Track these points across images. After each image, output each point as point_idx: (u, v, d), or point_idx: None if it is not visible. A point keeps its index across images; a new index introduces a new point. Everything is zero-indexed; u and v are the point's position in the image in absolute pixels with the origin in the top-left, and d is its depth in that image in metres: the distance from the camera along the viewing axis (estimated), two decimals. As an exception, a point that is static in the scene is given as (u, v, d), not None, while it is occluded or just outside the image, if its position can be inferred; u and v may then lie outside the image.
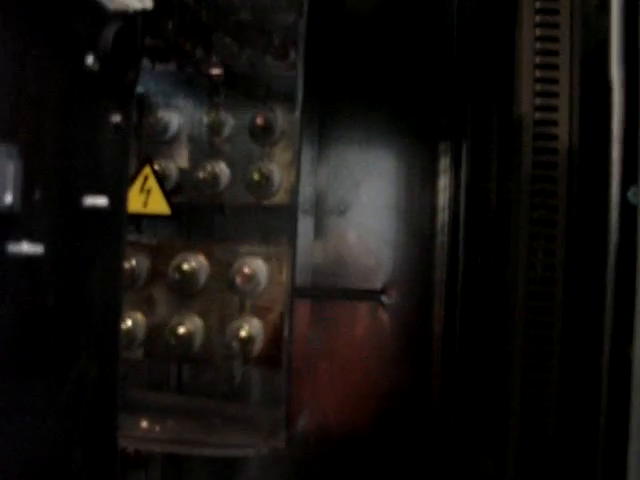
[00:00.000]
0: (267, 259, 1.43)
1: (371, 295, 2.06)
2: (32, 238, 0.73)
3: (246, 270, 1.38)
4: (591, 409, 1.04)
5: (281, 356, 1.43)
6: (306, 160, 2.01)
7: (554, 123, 1.30)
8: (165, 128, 1.51)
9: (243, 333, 1.41)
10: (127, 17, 0.95)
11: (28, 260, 0.73)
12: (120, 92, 0.93)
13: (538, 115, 1.31)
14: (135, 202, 1.38)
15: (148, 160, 1.43)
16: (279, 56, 1.59)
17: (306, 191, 2.04)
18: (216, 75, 1.61)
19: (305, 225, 2.02)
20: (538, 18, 1.38)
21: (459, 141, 2.00)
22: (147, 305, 1.45)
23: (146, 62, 1.62)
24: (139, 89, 1.06)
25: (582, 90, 1.28)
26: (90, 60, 0.85)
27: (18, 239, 0.72)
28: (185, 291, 1.43)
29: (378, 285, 2.07)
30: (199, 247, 1.45)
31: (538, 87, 1.32)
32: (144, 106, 1.54)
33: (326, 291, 2.06)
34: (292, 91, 1.57)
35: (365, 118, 2.10)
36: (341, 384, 2.06)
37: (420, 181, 2.09)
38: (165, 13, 1.62)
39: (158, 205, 1.40)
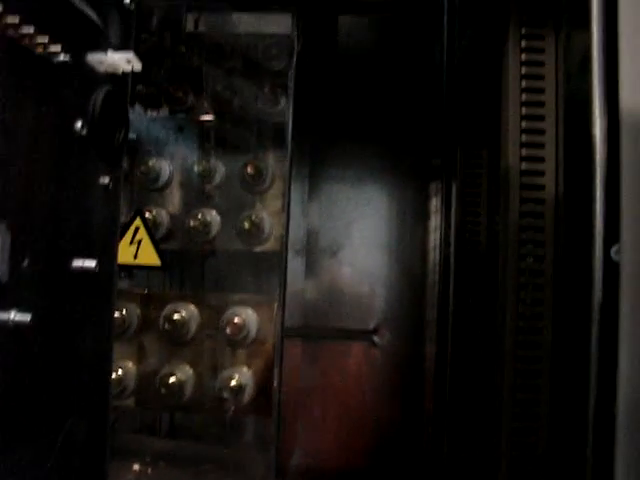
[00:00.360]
0: (257, 308, 1.44)
1: (363, 335, 2.07)
2: (20, 306, 0.74)
3: (236, 320, 1.39)
4: (578, 456, 1.05)
5: (271, 404, 1.43)
6: (297, 202, 2.02)
7: (541, 173, 1.32)
8: (157, 176, 1.52)
9: (234, 382, 1.41)
10: (116, 78, 0.97)
11: (16, 327, 0.74)
12: (109, 154, 0.95)
13: (525, 165, 1.32)
14: (126, 253, 1.39)
15: (139, 212, 1.44)
16: (269, 102, 1.60)
17: (298, 232, 2.05)
18: (207, 121, 1.63)
19: (297, 266, 2.04)
20: (524, 69, 1.40)
21: (449, 182, 2.02)
22: (138, 354, 1.45)
23: (138, 108, 1.64)
24: (131, 135, 1.07)
25: (568, 140, 1.30)
26: (79, 125, 0.87)
27: (6, 308, 0.72)
28: (176, 340, 1.43)
29: (370, 325, 2.08)
30: (190, 296, 1.45)
31: (524, 138, 1.33)
32: (136, 153, 1.55)
33: (318, 331, 2.07)
34: (282, 137, 1.58)
35: (356, 158, 2.12)
36: (334, 423, 2.06)
37: (411, 221, 2.11)
38: (157, 60, 1.64)
39: (149, 257, 1.41)
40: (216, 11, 2.18)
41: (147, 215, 1.48)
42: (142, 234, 1.41)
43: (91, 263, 0.89)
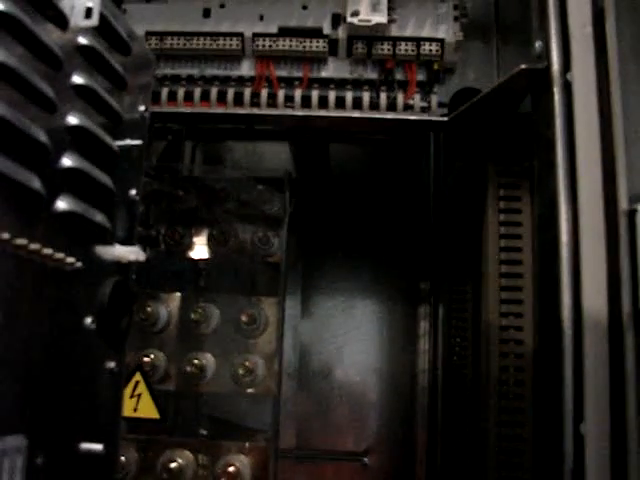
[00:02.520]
0: (251, 454, 1.49)
1: (354, 457, 2.11)
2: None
3: (230, 469, 1.43)
4: None
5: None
6: (289, 327, 2.09)
7: (519, 329, 1.39)
8: (155, 321, 1.58)
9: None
10: (121, 266, 1.04)
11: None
12: (114, 339, 1.01)
13: (505, 321, 1.39)
14: (125, 407, 1.44)
15: (139, 367, 1.50)
16: (263, 244, 1.68)
17: (290, 356, 2.12)
18: (203, 262, 1.70)
19: (289, 388, 2.10)
20: (502, 217, 1.49)
21: (437, 307, 2.10)
22: (135, 499, 1.49)
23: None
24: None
25: (542, 296, 1.36)
26: (88, 321, 0.93)
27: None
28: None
29: (361, 447, 2.12)
30: (186, 443, 1.50)
31: (504, 295, 1.41)
32: (137, 297, 1.61)
33: (310, 452, 2.11)
34: (277, 276, 1.65)
35: (347, 282, 2.20)
36: None
37: (401, 345, 2.17)
38: (155, 201, 1.73)
39: (148, 410, 1.46)
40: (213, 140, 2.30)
41: (146, 359, 1.54)
42: (142, 388, 1.47)
43: (98, 447, 0.94)
